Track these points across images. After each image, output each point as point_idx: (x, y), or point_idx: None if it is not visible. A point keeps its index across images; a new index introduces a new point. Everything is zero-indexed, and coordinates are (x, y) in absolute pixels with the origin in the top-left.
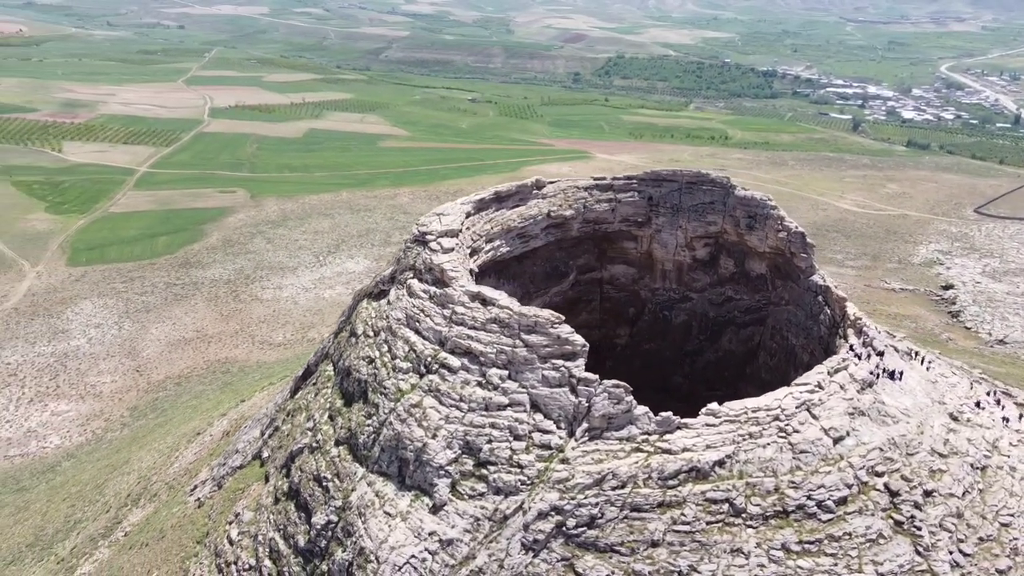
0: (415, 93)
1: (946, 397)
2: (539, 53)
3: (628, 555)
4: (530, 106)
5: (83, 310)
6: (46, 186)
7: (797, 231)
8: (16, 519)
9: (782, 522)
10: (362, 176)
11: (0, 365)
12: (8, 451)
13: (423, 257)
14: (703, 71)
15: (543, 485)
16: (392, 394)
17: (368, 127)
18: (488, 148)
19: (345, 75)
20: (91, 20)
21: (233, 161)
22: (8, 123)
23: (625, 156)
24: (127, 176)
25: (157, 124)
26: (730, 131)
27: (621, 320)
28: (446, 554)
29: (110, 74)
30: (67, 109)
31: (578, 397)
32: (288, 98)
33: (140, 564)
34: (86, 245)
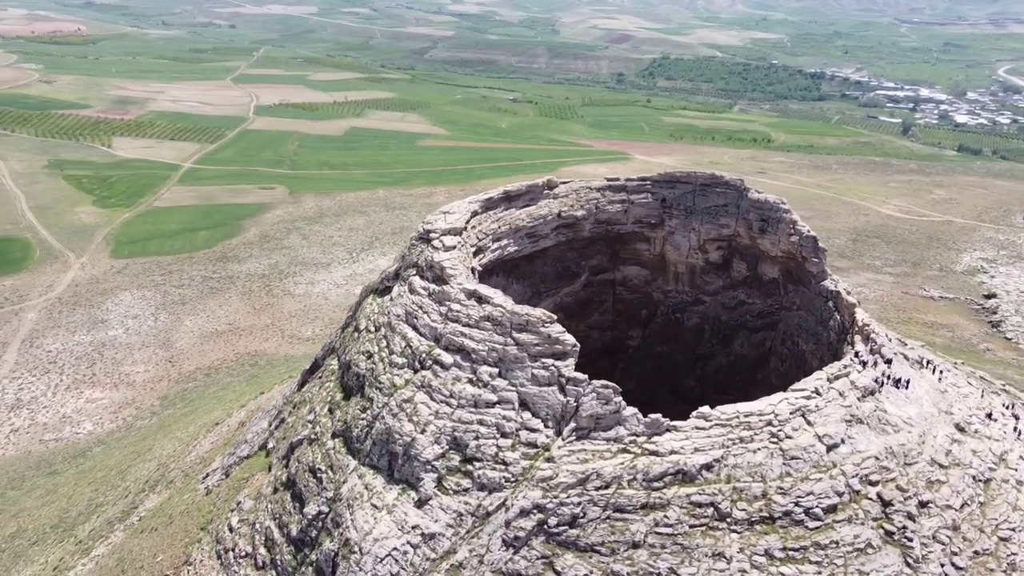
0: (457, 92)
1: (955, 407)
2: (583, 53)
3: (608, 555)
4: (571, 106)
5: (122, 301)
6: (95, 180)
7: (809, 235)
8: (44, 501)
9: (768, 528)
10: (399, 174)
11: (42, 352)
12: (44, 435)
13: (426, 255)
14: (749, 73)
15: (527, 483)
16: (387, 389)
17: (408, 126)
18: (526, 148)
19: (389, 74)
20: (146, 19)
21: (275, 158)
22: (63, 119)
23: (664, 158)
24: (172, 172)
25: (204, 121)
26: (773, 134)
27: (633, 322)
28: (428, 548)
29: (161, 72)
30: (119, 106)
31: (566, 396)
32: (331, 96)
33: (148, 548)
34: (129, 238)
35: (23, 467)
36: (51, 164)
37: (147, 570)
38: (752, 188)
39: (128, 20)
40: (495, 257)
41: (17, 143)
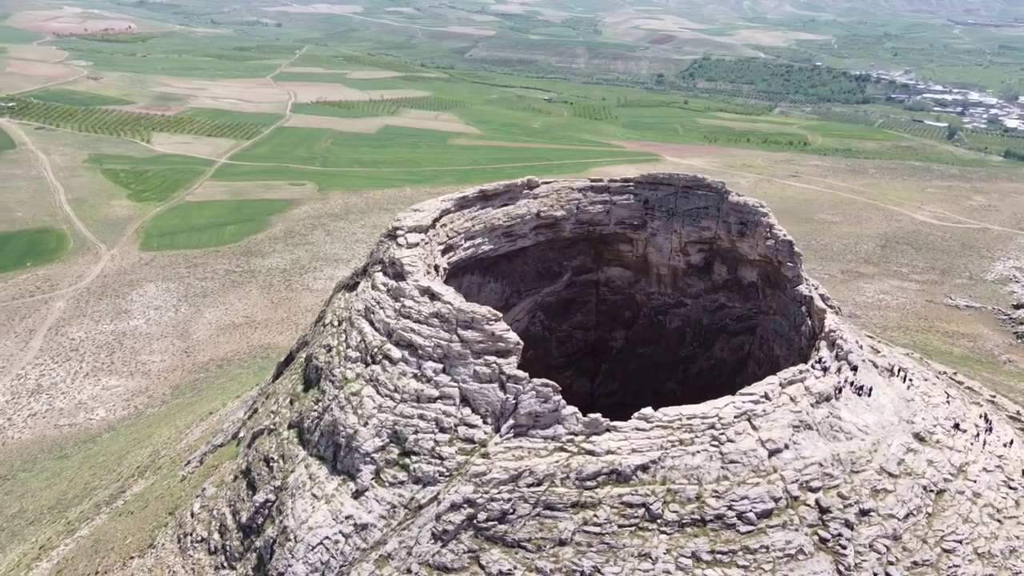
0: (493, 92)
1: (918, 417)
2: (623, 54)
3: (534, 552)
4: (606, 107)
5: (146, 292)
6: (131, 175)
7: (785, 239)
8: (48, 483)
9: (698, 530)
10: (428, 173)
11: (65, 340)
12: (59, 420)
13: (390, 251)
14: (791, 74)
15: (460, 478)
16: (338, 382)
17: (441, 124)
18: (557, 148)
19: (427, 73)
20: (196, 18)
21: (307, 155)
22: (106, 115)
23: (695, 160)
24: (207, 167)
25: (241, 118)
26: (810, 137)
27: (617, 323)
28: (359, 538)
29: (205, 69)
30: (161, 102)
31: (507, 394)
32: (368, 95)
33: (121, 530)
34: (159, 231)
35: (36, 450)
36: (91, 158)
37: (116, 551)
38: (733, 191)
39: (179, 18)
40: (468, 255)
41: (61, 137)
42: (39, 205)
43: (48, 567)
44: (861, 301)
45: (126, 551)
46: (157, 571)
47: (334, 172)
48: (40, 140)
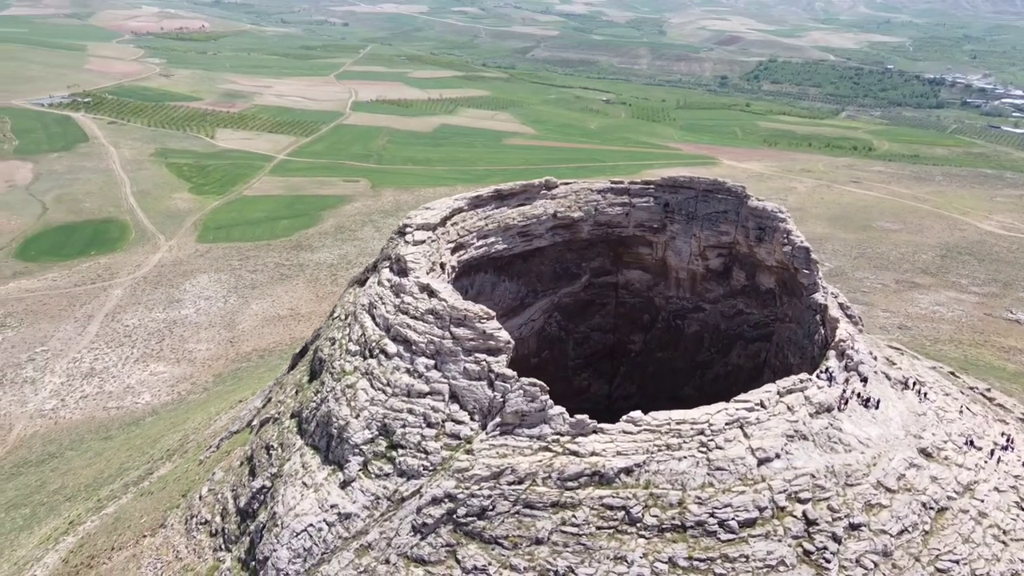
0: (551, 92)
1: (927, 432)
2: (687, 55)
3: (510, 549)
4: (664, 109)
5: (199, 283)
6: (194, 169)
7: (801, 246)
8: (89, 462)
9: (677, 536)
10: (480, 172)
11: (120, 326)
12: (108, 403)
13: (398, 248)
14: (861, 77)
15: (443, 472)
16: (337, 374)
17: (497, 124)
18: (611, 150)
19: (487, 73)
20: (267, 17)
21: (363, 152)
22: (175, 110)
23: (753, 163)
24: (266, 162)
25: (303, 115)
26: (876, 142)
27: (635, 326)
28: (341, 527)
29: (271, 67)
30: (227, 99)
31: (495, 391)
32: (427, 94)
33: (140, 509)
34: (216, 224)
35: (84, 431)
36: (157, 152)
37: (132, 529)
38: (753, 195)
39: (250, 18)
40: (479, 254)
41: (130, 132)
42: (106, 196)
43: (73, 541)
44: (913, 312)
45: (140, 530)
46: (163, 550)
47: (388, 170)
48: (111, 134)
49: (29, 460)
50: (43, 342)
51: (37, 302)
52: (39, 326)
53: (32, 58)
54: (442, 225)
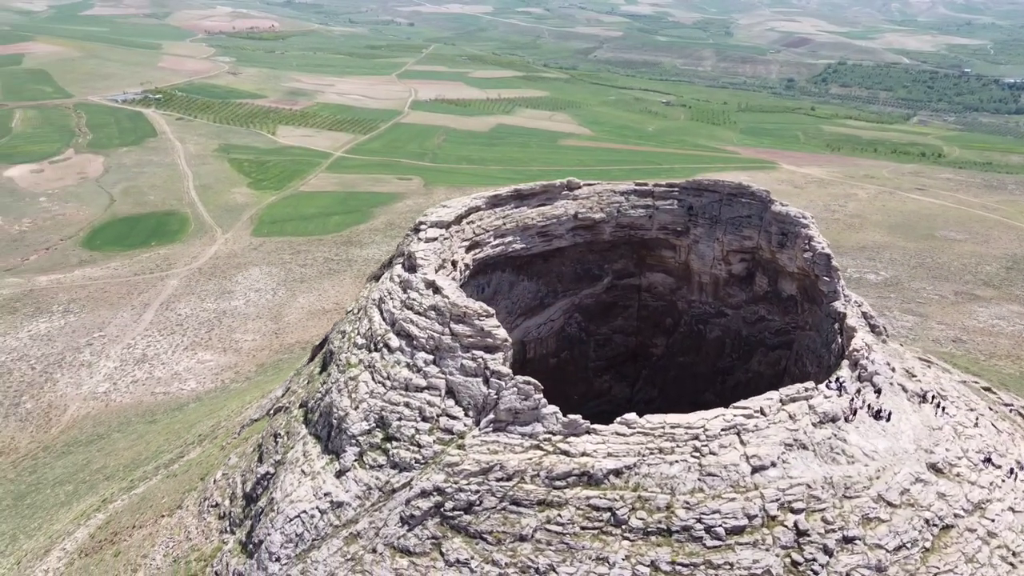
0: (611, 93)
1: (941, 446)
2: (752, 57)
3: (493, 544)
4: (725, 112)
5: (250, 275)
6: (254, 164)
7: (822, 252)
8: (131, 444)
9: (662, 540)
10: (533, 172)
11: (173, 315)
12: (156, 388)
13: (410, 245)
14: (935, 81)
15: (434, 466)
16: (342, 366)
17: (554, 125)
18: (668, 152)
19: (547, 73)
20: (335, 17)
21: (419, 151)
22: (240, 107)
23: (813, 169)
24: (323, 159)
25: (362, 113)
26: (946, 148)
27: (658, 330)
28: (333, 514)
29: (335, 66)
30: (290, 97)
31: (489, 388)
32: (485, 93)
33: (163, 491)
34: (271, 219)
35: (132, 414)
36: (220, 148)
37: (153, 509)
38: (777, 200)
39: (319, 17)
40: (496, 253)
41: (196, 128)
42: (169, 190)
43: (102, 518)
44: (971, 325)
45: (160, 510)
46: (176, 530)
47: (442, 168)
48: (178, 130)
49: (79, 440)
50: (101, 328)
51: (99, 289)
52: (99, 312)
53: (110, 56)
54: (457, 223)
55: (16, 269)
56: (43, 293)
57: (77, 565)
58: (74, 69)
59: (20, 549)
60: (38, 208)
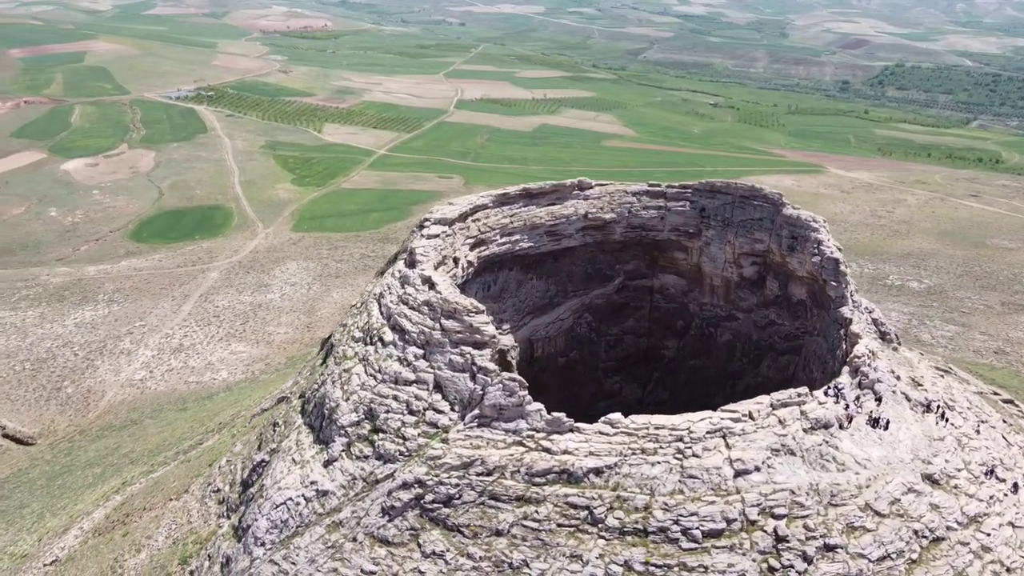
0: (657, 95)
1: (940, 457)
2: (806, 59)
3: (470, 538)
4: (774, 114)
5: (287, 269)
6: (298, 161)
7: (831, 257)
8: (160, 431)
9: (638, 540)
10: (574, 172)
11: (210, 307)
12: (189, 377)
13: (412, 241)
14: (999, 84)
15: (417, 459)
16: (339, 358)
17: (598, 125)
18: (713, 155)
19: (594, 74)
20: (388, 17)
21: (461, 150)
22: (288, 105)
23: (863, 173)
24: (366, 157)
25: (408, 112)
26: (1005, 154)
27: (669, 332)
28: (317, 503)
29: (384, 65)
30: (338, 95)
31: (476, 384)
32: (531, 93)
33: (175, 476)
34: (311, 215)
35: (165, 402)
36: (267, 144)
37: (163, 493)
38: (789, 203)
39: (372, 17)
40: (502, 251)
41: (245, 124)
42: (215, 185)
43: (119, 500)
44: (1015, 337)
45: (168, 494)
46: (180, 513)
47: (483, 168)
48: (228, 126)
49: (114, 425)
50: (142, 317)
51: (143, 280)
52: (141, 302)
53: (167, 54)
54: (461, 221)
55: (67, 259)
56: (90, 282)
57: (90, 544)
58: (132, 67)
59: (44, 527)
60: (91, 200)
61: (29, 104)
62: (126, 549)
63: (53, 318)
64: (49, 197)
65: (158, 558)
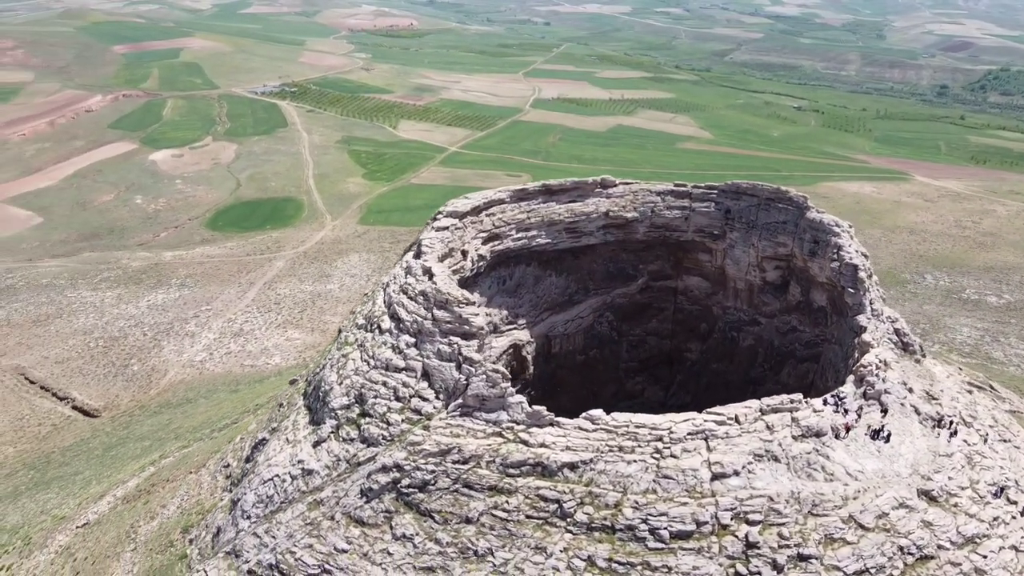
0: (739, 97)
1: (943, 474)
2: (902, 62)
3: (440, 524)
4: (861, 119)
5: (349, 260)
6: (371, 156)
7: (849, 263)
8: (208, 409)
9: (604, 537)
10: (644, 174)
11: (273, 295)
12: (245, 361)
13: (422, 233)
14: None
15: (398, 443)
16: (341, 344)
17: (674, 127)
18: (791, 159)
19: (676, 75)
20: (474, 16)
21: (532, 149)
22: (367, 101)
23: (951, 182)
24: (438, 154)
25: (483, 110)
26: None
27: (693, 334)
28: (302, 481)
29: (464, 64)
30: (416, 93)
31: (461, 374)
32: (609, 94)
33: (201, 451)
34: (378, 208)
35: (220, 383)
36: (343, 139)
37: (187, 466)
38: (814, 207)
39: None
40: (518, 246)
41: (324, 120)
42: (290, 177)
43: (152, 471)
44: None
45: (190, 467)
46: (194, 485)
47: (552, 166)
48: (307, 121)
49: (171, 403)
50: (209, 302)
51: (213, 267)
52: (210, 288)
53: (257, 51)
54: (473, 214)
55: (147, 244)
56: (166, 267)
57: (118, 510)
58: (223, 63)
59: (87, 492)
60: (173, 190)
61: (127, 97)
62: (142, 516)
63: (129, 299)
64: (136, 185)
65: (166, 526)
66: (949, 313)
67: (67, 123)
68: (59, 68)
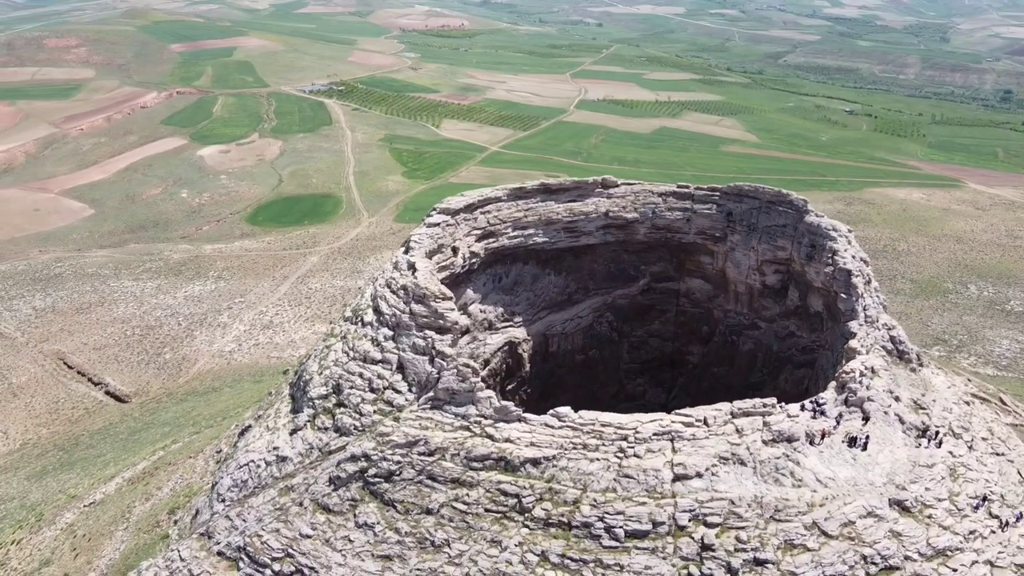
0: (790, 100)
1: (919, 485)
2: (964, 65)
3: (401, 513)
4: (916, 123)
5: (381, 257)
6: (412, 155)
7: (844, 268)
8: (230, 398)
9: (560, 533)
10: (685, 177)
11: (304, 289)
12: (271, 352)
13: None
14: None
15: (368, 434)
16: (327, 335)
17: (719, 130)
18: (838, 164)
19: (726, 77)
20: (527, 16)
21: (574, 150)
22: (412, 100)
23: (1006, 190)
24: (478, 153)
25: (527, 110)
26: None
27: (694, 337)
28: (276, 467)
29: (512, 64)
30: (461, 92)
31: (433, 367)
32: (655, 95)
33: (206, 437)
34: (415, 206)
35: (246, 373)
36: (385, 138)
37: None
38: (813, 211)
39: (512, 17)
40: (514, 244)
41: (368, 118)
42: (331, 174)
43: (162, 455)
44: None
45: (191, 452)
46: (189, 469)
47: (592, 167)
48: (352, 119)
49: (197, 390)
50: (242, 295)
51: (251, 260)
52: (245, 281)
53: (308, 50)
54: (467, 212)
55: (190, 237)
56: (205, 260)
57: (123, 490)
58: (275, 61)
59: (102, 473)
60: (218, 185)
61: (180, 94)
62: (138, 497)
63: (167, 290)
64: (183, 180)
65: (156, 507)
66: (990, 325)
67: (123, 119)
68: (119, 66)
